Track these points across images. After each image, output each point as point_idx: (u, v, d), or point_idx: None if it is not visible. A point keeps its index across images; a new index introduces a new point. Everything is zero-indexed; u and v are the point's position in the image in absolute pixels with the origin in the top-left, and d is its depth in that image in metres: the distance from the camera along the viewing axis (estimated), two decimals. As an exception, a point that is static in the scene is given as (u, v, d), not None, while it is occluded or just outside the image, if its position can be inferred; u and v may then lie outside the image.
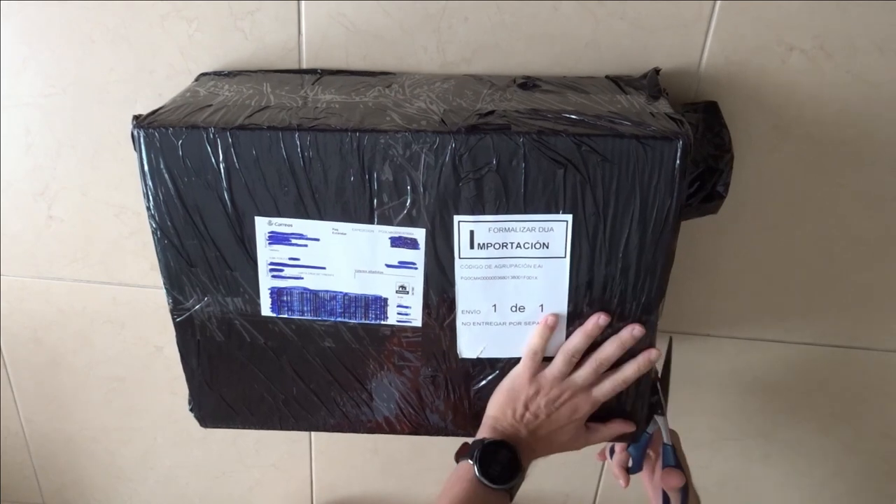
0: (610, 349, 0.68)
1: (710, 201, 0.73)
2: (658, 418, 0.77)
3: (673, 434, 0.79)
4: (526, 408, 0.69)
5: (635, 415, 0.74)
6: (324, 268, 0.67)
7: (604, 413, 0.72)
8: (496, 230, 0.63)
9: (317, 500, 1.12)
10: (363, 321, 0.69)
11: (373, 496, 1.10)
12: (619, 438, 0.75)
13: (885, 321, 0.88)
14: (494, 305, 0.67)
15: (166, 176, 0.63)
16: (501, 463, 0.66)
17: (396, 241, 0.65)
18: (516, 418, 0.69)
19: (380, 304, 0.68)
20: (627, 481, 0.82)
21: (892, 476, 1.00)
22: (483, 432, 0.69)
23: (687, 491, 0.76)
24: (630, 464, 0.80)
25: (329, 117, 0.63)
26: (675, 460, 0.76)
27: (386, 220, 0.64)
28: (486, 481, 0.65)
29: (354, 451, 1.06)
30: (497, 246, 0.64)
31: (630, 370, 0.69)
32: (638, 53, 0.74)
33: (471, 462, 0.66)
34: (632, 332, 0.67)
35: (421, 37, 0.75)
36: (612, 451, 0.84)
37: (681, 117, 0.62)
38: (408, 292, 0.67)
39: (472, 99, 0.67)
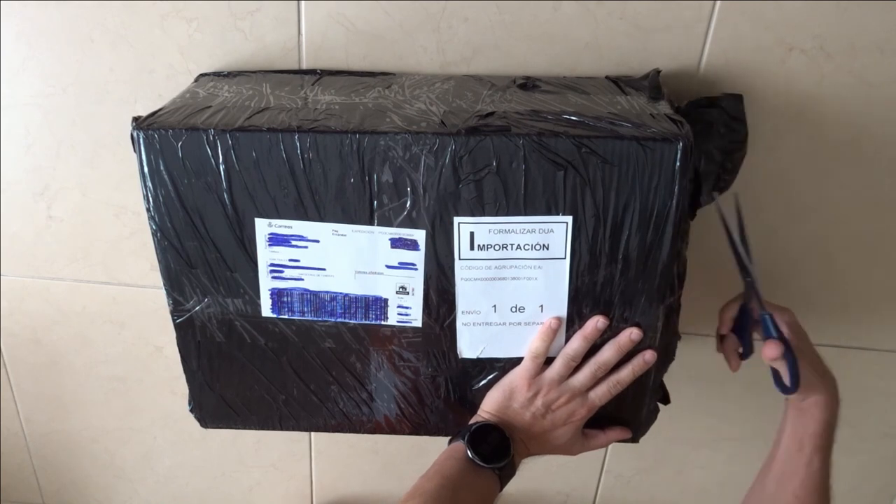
0: (608, 353, 0.68)
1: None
2: (752, 290, 0.70)
3: (784, 310, 0.71)
4: (523, 408, 0.70)
5: (635, 417, 0.74)
6: (324, 269, 0.67)
7: (604, 417, 0.72)
8: (496, 231, 0.63)
9: (317, 500, 1.12)
10: (363, 322, 0.69)
11: (373, 496, 1.10)
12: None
13: (885, 321, 0.88)
14: (494, 306, 0.67)
15: (166, 177, 0.63)
16: (492, 444, 0.67)
17: (396, 243, 0.65)
18: (511, 414, 0.70)
19: (380, 304, 0.68)
20: (738, 366, 0.74)
21: (892, 476, 1.00)
22: (476, 420, 0.70)
23: (794, 361, 0.66)
24: (741, 349, 0.73)
25: (329, 119, 0.63)
26: (777, 331, 0.67)
27: (386, 222, 0.64)
28: (476, 459, 0.66)
29: (354, 451, 1.06)
30: (497, 247, 0.64)
31: (625, 373, 0.69)
32: (638, 54, 0.74)
33: (462, 442, 0.67)
34: (630, 335, 0.67)
35: (421, 37, 0.75)
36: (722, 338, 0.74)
37: (681, 118, 0.62)
38: (408, 293, 0.67)
39: (471, 100, 0.67)
